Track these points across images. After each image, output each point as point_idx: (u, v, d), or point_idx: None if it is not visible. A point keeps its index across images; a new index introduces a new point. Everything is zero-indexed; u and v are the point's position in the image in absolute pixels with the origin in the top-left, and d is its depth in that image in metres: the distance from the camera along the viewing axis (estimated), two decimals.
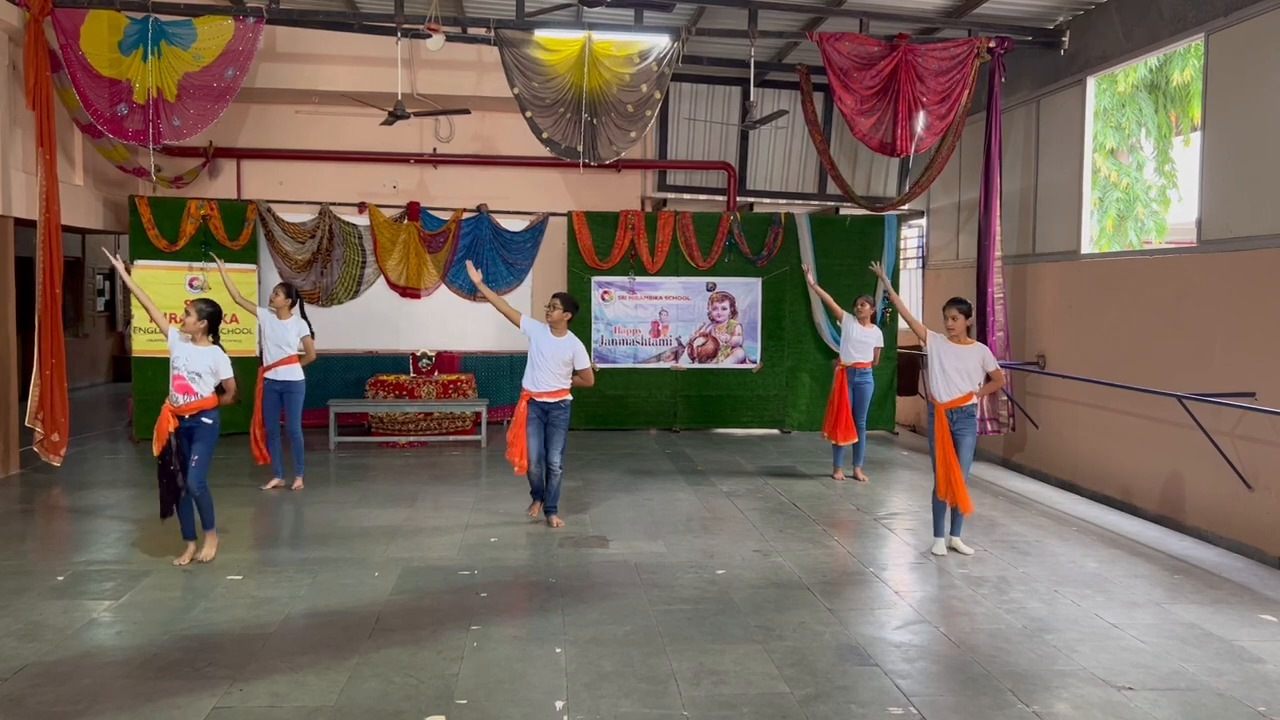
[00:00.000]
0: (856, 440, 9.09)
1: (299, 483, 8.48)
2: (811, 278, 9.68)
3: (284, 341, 8.26)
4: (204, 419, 6.14)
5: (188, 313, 6.15)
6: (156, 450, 6.09)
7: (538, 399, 7.12)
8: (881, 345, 9.19)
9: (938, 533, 6.80)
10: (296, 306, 8.42)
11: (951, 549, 6.76)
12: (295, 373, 8.32)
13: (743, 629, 5.23)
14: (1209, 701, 4.40)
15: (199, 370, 6.10)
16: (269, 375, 8.28)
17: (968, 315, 6.64)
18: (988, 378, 6.67)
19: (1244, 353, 7.03)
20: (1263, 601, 5.87)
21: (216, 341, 6.25)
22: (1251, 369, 6.93)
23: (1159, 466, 7.92)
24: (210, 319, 6.21)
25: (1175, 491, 7.73)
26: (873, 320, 9.12)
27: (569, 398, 7.23)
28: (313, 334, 8.43)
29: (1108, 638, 5.18)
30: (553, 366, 7.11)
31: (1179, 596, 5.92)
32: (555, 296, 7.24)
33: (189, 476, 6.11)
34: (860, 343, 9.01)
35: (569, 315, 7.19)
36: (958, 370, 6.56)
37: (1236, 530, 7.05)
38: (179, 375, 6.08)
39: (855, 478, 9.22)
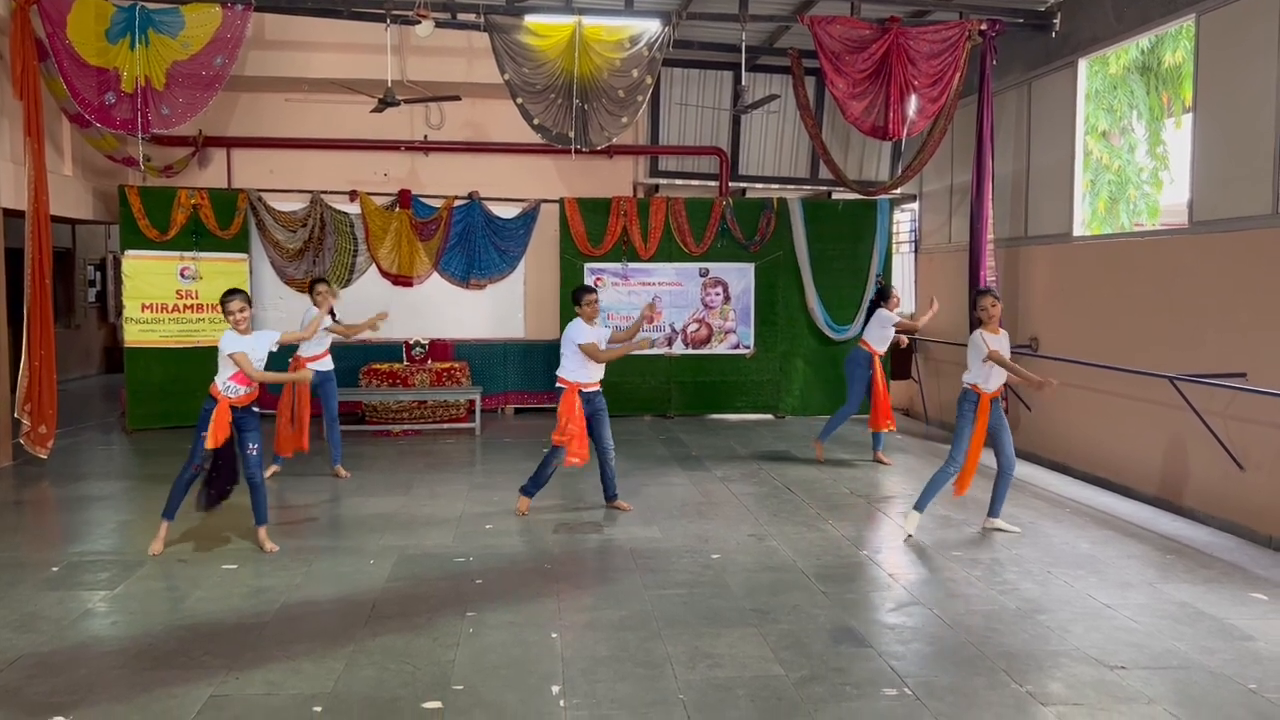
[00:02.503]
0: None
1: (343, 471, 8.53)
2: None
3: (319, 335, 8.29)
4: (253, 408, 6.19)
5: (242, 309, 6.01)
6: (217, 443, 5.99)
7: (587, 389, 7.10)
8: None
9: (919, 507, 6.76)
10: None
11: (997, 529, 6.85)
12: (327, 363, 8.40)
13: (738, 613, 5.25)
14: (1201, 680, 4.44)
15: (262, 355, 6.12)
16: (310, 367, 8.26)
17: (998, 300, 6.75)
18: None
19: (1235, 333, 7.05)
20: (1254, 580, 5.91)
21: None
22: (1242, 349, 6.95)
23: (1151, 448, 7.95)
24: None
25: (1167, 472, 7.76)
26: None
27: None
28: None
29: (1100, 618, 5.21)
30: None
31: (1171, 576, 5.96)
32: (585, 290, 7.19)
33: (250, 466, 6.17)
34: (892, 332, 9.22)
35: None
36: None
37: (1228, 510, 7.09)
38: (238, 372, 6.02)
39: (879, 462, 9.38)
